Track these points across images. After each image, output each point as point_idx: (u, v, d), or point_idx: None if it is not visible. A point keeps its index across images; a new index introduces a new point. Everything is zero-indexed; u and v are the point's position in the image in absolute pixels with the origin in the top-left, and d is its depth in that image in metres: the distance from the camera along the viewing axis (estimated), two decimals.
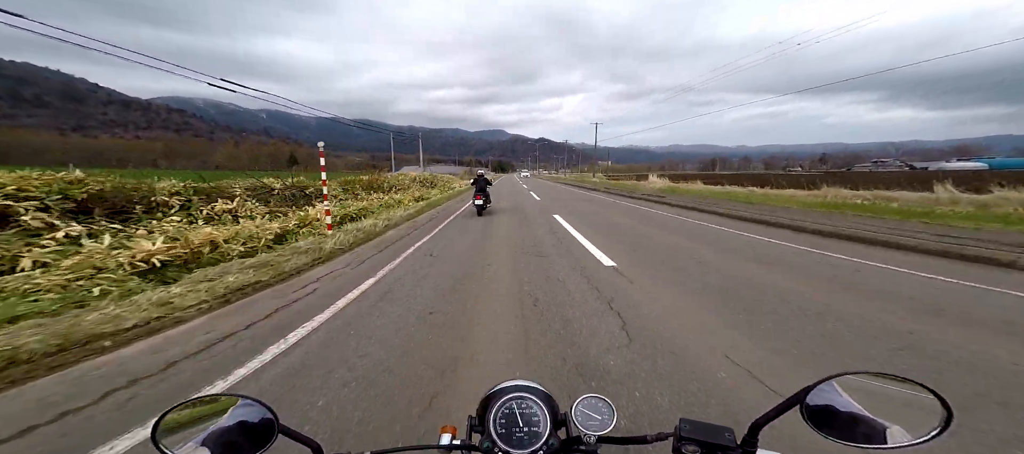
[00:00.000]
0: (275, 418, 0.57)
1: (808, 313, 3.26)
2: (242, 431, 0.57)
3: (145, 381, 2.29)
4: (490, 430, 0.65)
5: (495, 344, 2.71)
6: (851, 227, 7.58)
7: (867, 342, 2.72)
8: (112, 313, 3.11)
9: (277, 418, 0.58)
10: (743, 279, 4.36)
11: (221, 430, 0.56)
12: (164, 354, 2.63)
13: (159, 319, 3.13)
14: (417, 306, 3.54)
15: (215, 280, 4.10)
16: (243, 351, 2.65)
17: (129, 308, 3.24)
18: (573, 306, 3.44)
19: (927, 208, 9.59)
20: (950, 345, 2.64)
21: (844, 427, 0.53)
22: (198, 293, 3.66)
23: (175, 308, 3.32)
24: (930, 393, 0.52)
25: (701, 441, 0.57)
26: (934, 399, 0.51)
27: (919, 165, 38.12)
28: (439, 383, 2.21)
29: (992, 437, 1.72)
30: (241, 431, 0.57)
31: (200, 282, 4.03)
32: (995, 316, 3.18)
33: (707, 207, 11.89)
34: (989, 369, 2.32)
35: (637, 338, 2.75)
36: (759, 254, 5.78)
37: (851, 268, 4.88)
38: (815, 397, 0.54)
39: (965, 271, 4.63)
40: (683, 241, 6.82)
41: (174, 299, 3.49)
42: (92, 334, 2.76)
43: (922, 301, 3.57)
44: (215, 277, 4.24)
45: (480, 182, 11.07)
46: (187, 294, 3.63)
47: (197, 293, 3.66)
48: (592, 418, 0.66)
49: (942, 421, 0.49)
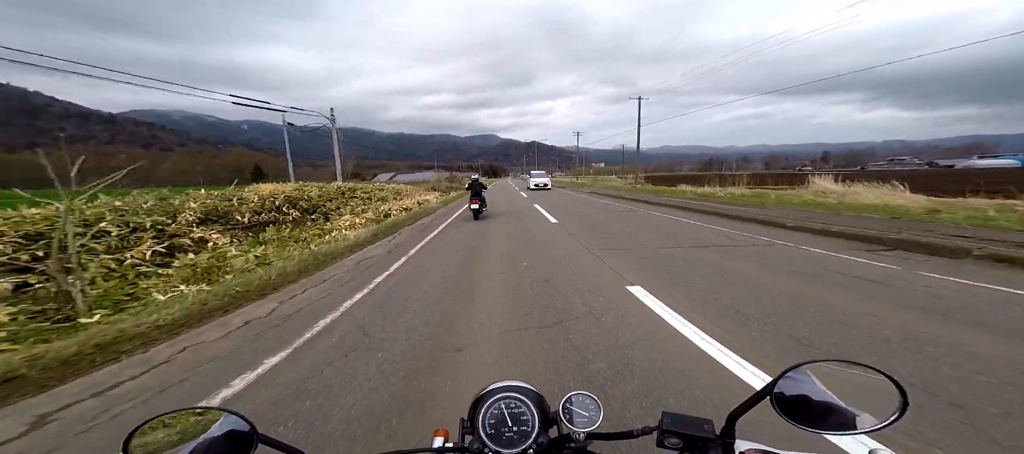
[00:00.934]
0: (254, 429, 0.56)
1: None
2: (222, 446, 0.55)
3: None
4: (479, 431, 0.65)
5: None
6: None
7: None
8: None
9: (256, 429, 0.56)
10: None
11: (202, 445, 0.54)
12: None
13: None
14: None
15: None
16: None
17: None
18: None
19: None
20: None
21: (817, 415, 0.54)
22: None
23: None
24: (886, 379, 0.53)
25: (682, 433, 0.59)
26: (891, 385, 0.53)
27: (942, 163, 35.97)
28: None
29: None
30: (221, 446, 0.55)
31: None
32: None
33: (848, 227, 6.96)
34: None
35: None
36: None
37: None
38: (789, 387, 0.56)
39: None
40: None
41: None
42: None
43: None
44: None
45: (475, 186, 11.14)
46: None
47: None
48: (580, 415, 0.66)
49: (899, 406, 0.52)
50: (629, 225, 9.26)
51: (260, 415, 2.06)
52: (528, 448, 0.63)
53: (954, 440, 1.74)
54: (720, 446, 0.58)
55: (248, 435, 0.56)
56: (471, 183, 11.42)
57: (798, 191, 15.64)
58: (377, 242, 7.90)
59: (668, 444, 0.59)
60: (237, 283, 4.39)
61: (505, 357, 2.67)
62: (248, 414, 0.57)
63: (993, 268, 4.62)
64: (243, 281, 4.47)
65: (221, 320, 3.62)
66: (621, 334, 2.94)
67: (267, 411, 2.11)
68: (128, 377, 2.59)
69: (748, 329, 3.01)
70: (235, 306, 3.95)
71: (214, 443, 0.55)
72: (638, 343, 2.79)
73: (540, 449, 0.64)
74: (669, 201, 14.83)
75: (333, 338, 3.06)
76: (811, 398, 0.55)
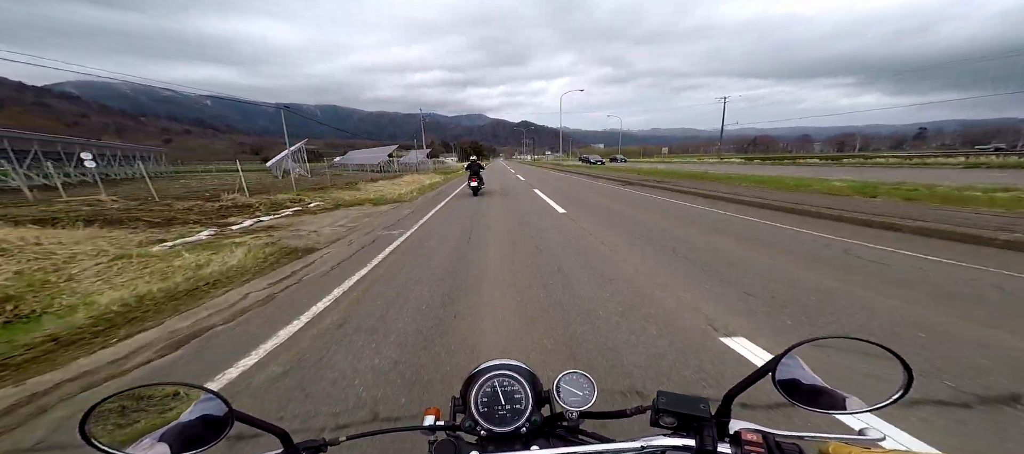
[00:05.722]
0: (230, 409, 0.56)
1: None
2: (198, 429, 0.56)
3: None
4: (471, 409, 0.69)
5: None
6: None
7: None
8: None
9: (232, 408, 0.56)
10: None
11: (181, 425, 0.55)
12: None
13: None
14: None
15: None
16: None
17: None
18: None
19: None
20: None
21: (808, 397, 0.58)
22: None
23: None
24: (893, 356, 0.56)
25: (677, 413, 0.61)
26: (897, 362, 0.56)
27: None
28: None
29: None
30: (197, 429, 0.55)
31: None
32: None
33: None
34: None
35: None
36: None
37: None
38: (782, 372, 0.59)
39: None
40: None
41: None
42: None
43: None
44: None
45: (474, 166, 14.34)
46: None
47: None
48: (574, 394, 0.69)
49: (903, 384, 0.54)
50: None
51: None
52: (521, 426, 0.66)
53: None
54: (715, 426, 0.59)
55: (224, 418, 0.56)
56: (470, 164, 14.63)
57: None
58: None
59: (663, 423, 0.61)
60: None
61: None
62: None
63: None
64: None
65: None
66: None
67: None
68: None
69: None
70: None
71: (188, 427, 0.55)
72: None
73: (533, 427, 0.67)
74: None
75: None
76: (801, 382, 0.59)
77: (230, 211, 10.14)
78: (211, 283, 4.25)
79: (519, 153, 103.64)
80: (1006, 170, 19.06)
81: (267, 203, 11.34)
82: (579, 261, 4.79)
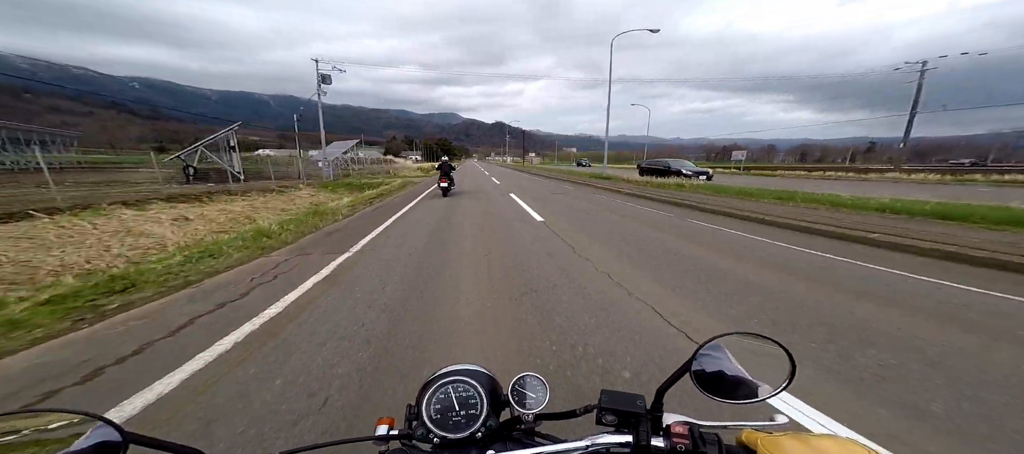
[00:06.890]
0: (124, 436, 0.49)
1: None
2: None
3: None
4: (423, 417, 0.67)
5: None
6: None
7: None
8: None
9: (126, 435, 0.50)
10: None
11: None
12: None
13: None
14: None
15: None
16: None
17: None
18: None
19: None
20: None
21: (729, 388, 0.63)
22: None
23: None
24: (780, 348, 0.63)
25: (617, 410, 0.64)
26: (784, 354, 0.62)
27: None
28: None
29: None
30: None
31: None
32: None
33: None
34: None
35: None
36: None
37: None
38: (708, 364, 0.64)
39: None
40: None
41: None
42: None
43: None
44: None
45: (445, 167, 13.81)
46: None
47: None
48: (528, 396, 0.71)
49: (788, 374, 0.61)
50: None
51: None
52: (476, 432, 0.66)
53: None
54: (649, 420, 0.63)
55: (118, 444, 0.50)
56: (441, 164, 14.08)
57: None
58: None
59: (605, 421, 0.64)
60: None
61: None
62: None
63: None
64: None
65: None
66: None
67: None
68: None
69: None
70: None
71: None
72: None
73: (488, 432, 0.67)
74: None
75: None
76: (725, 373, 0.63)
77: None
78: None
79: (494, 154, 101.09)
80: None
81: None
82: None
